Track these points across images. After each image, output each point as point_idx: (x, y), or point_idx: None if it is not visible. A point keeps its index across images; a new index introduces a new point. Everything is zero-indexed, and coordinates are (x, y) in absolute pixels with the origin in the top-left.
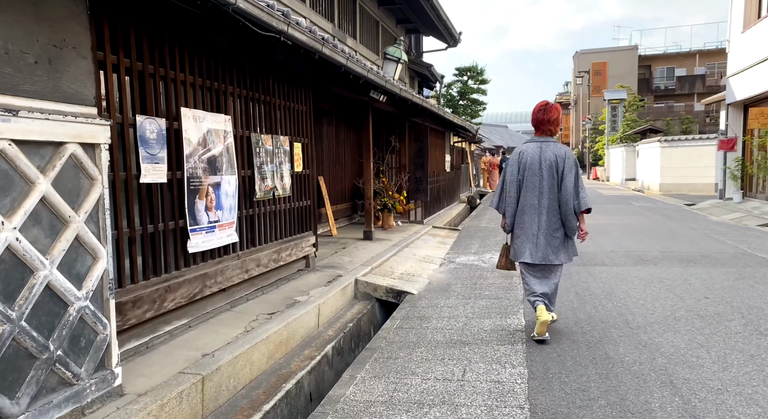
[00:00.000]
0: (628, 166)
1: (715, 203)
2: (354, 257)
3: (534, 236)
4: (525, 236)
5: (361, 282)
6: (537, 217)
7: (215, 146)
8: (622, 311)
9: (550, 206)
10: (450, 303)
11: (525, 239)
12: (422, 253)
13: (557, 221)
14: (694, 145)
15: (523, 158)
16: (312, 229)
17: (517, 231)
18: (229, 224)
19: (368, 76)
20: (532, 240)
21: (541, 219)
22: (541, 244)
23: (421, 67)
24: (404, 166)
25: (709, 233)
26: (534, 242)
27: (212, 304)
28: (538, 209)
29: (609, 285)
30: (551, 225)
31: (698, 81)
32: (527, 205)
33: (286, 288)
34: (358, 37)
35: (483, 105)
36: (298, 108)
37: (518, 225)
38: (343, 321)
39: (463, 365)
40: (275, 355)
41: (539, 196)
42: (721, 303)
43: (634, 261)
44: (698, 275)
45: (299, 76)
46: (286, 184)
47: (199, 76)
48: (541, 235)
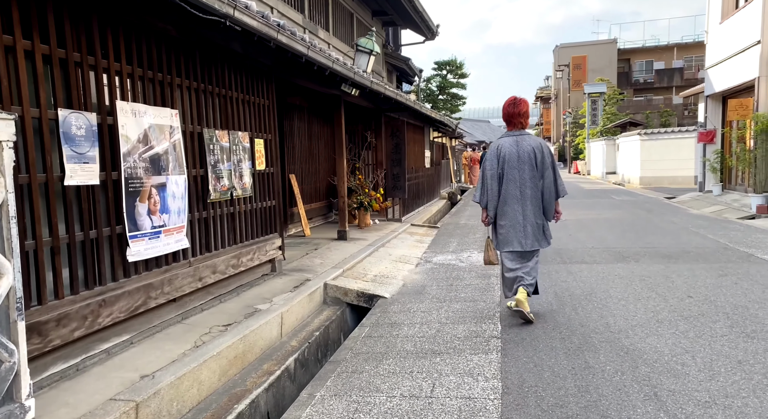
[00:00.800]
0: (609, 159)
1: (695, 196)
2: (326, 259)
3: (521, 226)
4: (511, 226)
5: (330, 286)
6: (521, 208)
7: (159, 143)
8: (602, 313)
9: (533, 196)
10: (424, 308)
11: (511, 229)
12: (398, 253)
13: (539, 210)
14: (673, 138)
15: (501, 152)
16: (277, 231)
17: (501, 222)
18: (177, 229)
19: (333, 67)
20: (519, 229)
21: (526, 209)
22: (528, 233)
23: (398, 60)
24: (381, 162)
25: (690, 227)
26: (522, 231)
27: (160, 317)
28: (521, 200)
29: (589, 284)
30: (535, 213)
31: (676, 74)
32: (509, 197)
33: (247, 296)
34: (330, 29)
35: (463, 99)
36: (259, 102)
37: (502, 217)
38: (309, 329)
39: (433, 379)
40: (229, 372)
41: (521, 187)
42: (705, 302)
43: (615, 258)
44: (680, 272)
45: (260, 67)
46: (247, 183)
47: (139, 66)
48: (528, 224)
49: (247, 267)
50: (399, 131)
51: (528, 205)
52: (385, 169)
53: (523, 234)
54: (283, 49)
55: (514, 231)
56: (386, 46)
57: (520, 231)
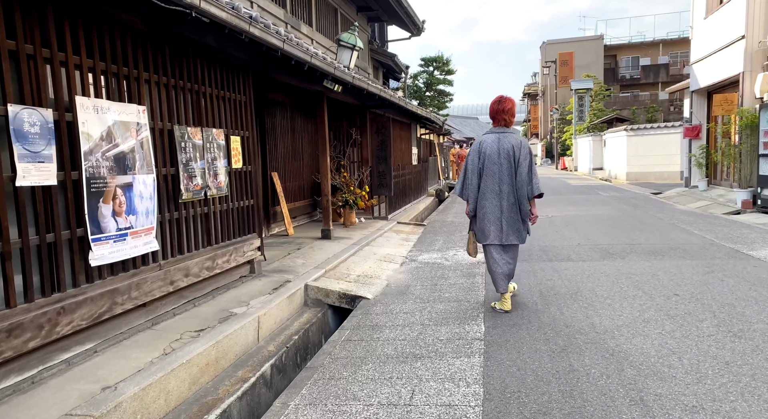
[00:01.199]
0: (596, 155)
1: (681, 191)
2: (308, 259)
3: (497, 220)
4: (488, 220)
5: (311, 287)
6: (498, 202)
7: (125, 141)
8: (588, 313)
9: (510, 192)
10: (406, 309)
11: (488, 223)
12: (383, 252)
13: (516, 205)
14: (659, 134)
15: (483, 148)
16: (256, 231)
17: (480, 216)
18: (146, 230)
19: (312, 62)
20: (495, 223)
21: (503, 204)
22: (504, 227)
23: (384, 57)
24: (366, 159)
25: (677, 223)
26: (498, 225)
27: (128, 323)
28: (499, 194)
29: (575, 283)
30: (512, 208)
31: (662, 70)
32: (488, 191)
33: (223, 299)
34: (314, 25)
35: (450, 96)
36: (235, 98)
37: (480, 210)
38: (288, 333)
39: (413, 385)
40: (201, 380)
41: (499, 183)
42: (692, 300)
43: (601, 255)
44: (667, 269)
45: (236, 62)
46: (222, 182)
47: (102, 59)
48: (503, 219)
49: (223, 270)
50: (384, 128)
51: (505, 199)
52: (370, 166)
53: (499, 229)
54: (257, 42)
55: (492, 224)
56: (372, 43)
57: (496, 225)
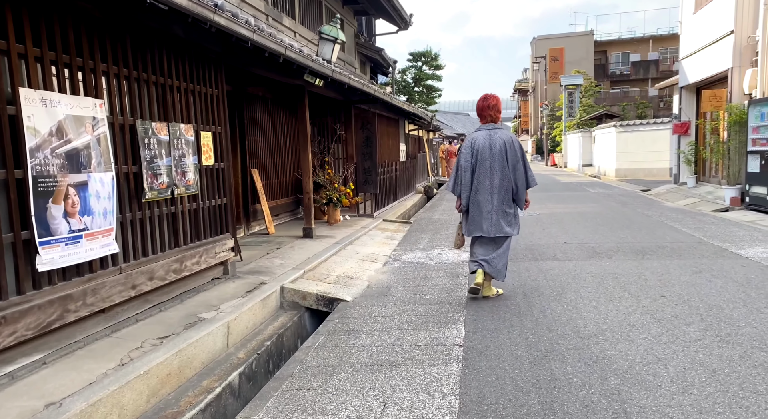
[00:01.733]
0: (585, 151)
1: (670, 188)
2: (287, 259)
3: (489, 213)
4: (480, 214)
5: (287, 289)
6: (490, 197)
7: (78, 137)
8: (572, 316)
9: (501, 186)
10: (386, 312)
11: (480, 216)
12: (366, 251)
13: (508, 199)
14: (648, 130)
15: (475, 145)
16: (230, 231)
17: (473, 210)
18: (104, 232)
19: (286, 54)
20: (486, 217)
21: (494, 198)
22: (494, 220)
23: (371, 51)
24: (351, 156)
25: (665, 221)
26: (489, 218)
27: (84, 331)
28: (491, 189)
29: (560, 283)
30: (502, 202)
31: (652, 66)
32: (481, 186)
33: (191, 303)
34: (297, 17)
35: (438, 91)
36: (206, 92)
37: (473, 205)
38: (260, 338)
39: (386, 396)
40: (161, 391)
41: (491, 178)
42: (679, 302)
43: (587, 254)
44: (654, 269)
45: (208, 55)
46: (191, 180)
47: (51, 49)
48: (494, 212)
49: (192, 272)
50: (370, 123)
51: (496, 194)
52: (355, 162)
53: (489, 222)
54: (226, 33)
55: (482, 218)
56: (359, 37)
57: (487, 218)
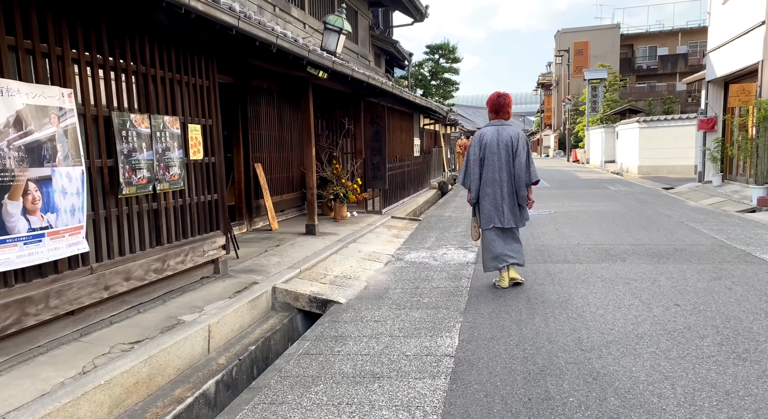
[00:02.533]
0: (608, 147)
1: (694, 186)
2: (285, 257)
3: (499, 205)
4: (491, 206)
5: (280, 290)
6: (499, 189)
7: (41, 128)
8: (576, 325)
9: (509, 179)
10: (378, 316)
11: (491, 208)
12: (369, 249)
13: (513, 191)
14: (673, 126)
15: (484, 139)
16: (221, 228)
17: (483, 203)
18: (71, 230)
19: (278, 43)
20: (497, 208)
21: (503, 191)
22: (506, 212)
23: (386, 43)
24: (360, 150)
25: (686, 221)
26: (501, 210)
27: (48, 335)
28: (499, 182)
29: (567, 288)
30: (511, 195)
31: (680, 60)
32: (489, 180)
33: (174, 305)
34: (306, 8)
35: (455, 85)
36: (195, 83)
37: (483, 197)
38: (245, 342)
39: (362, 414)
40: (126, 401)
41: (499, 171)
42: (693, 312)
43: (600, 256)
44: (670, 274)
45: (197, 44)
46: (176, 175)
47: (10, 33)
48: (504, 204)
49: (176, 271)
50: (379, 117)
51: (505, 186)
52: (364, 157)
53: (501, 213)
54: (209, 20)
55: (494, 210)
56: (373, 29)
57: (499, 210)
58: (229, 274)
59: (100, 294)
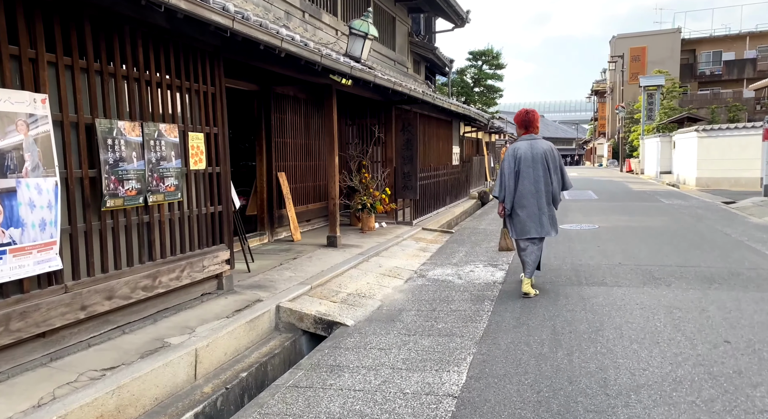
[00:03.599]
0: (664, 158)
1: (759, 201)
2: (299, 271)
3: (536, 216)
4: (528, 217)
5: (284, 309)
6: (536, 201)
7: (5, 137)
8: (604, 363)
9: (545, 191)
10: (385, 343)
11: (528, 219)
12: (391, 264)
13: (549, 202)
14: (736, 135)
15: (518, 153)
16: (225, 242)
17: (520, 213)
18: (40, 247)
19: (284, 47)
20: (535, 219)
21: (540, 202)
22: (544, 222)
23: (425, 49)
24: (390, 159)
25: (746, 240)
26: (538, 220)
27: (13, 360)
28: (536, 194)
29: (600, 317)
30: (548, 205)
31: (748, 65)
32: (526, 191)
33: (165, 324)
34: (339, 14)
35: (499, 92)
36: (199, 89)
37: (520, 209)
38: (239, 367)
39: None
40: None
41: (535, 183)
42: (747, 352)
43: (642, 279)
44: (722, 303)
45: (201, 48)
46: (172, 186)
47: None
48: (543, 215)
49: (170, 288)
50: (410, 125)
51: (542, 198)
52: (394, 166)
53: (540, 223)
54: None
55: (531, 221)
56: (412, 35)
57: (537, 221)
58: (234, 290)
59: (75, 314)
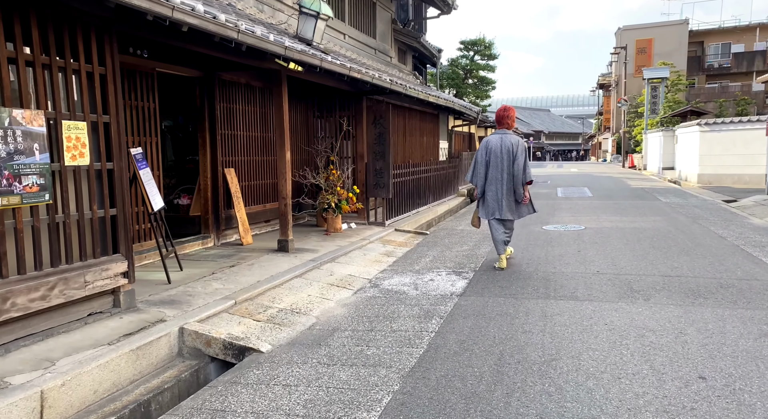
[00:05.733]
0: (666, 153)
1: (762, 200)
2: (230, 282)
3: (499, 200)
4: (493, 200)
5: (189, 331)
6: (501, 186)
7: None
8: (547, 408)
9: (508, 179)
10: (294, 377)
11: (494, 202)
12: (345, 272)
13: (511, 189)
14: (740, 129)
15: (489, 145)
16: (121, 252)
17: (488, 197)
18: None
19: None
20: (498, 203)
21: (503, 188)
22: (503, 205)
23: (409, 38)
24: (362, 154)
25: (743, 245)
26: (498, 204)
27: None
28: (501, 181)
29: (559, 341)
30: (509, 191)
31: (758, 57)
32: (493, 178)
33: (18, 356)
34: None
35: (492, 84)
36: (80, 68)
37: (487, 193)
38: (110, 409)
39: None
40: None
41: (501, 172)
42: (724, 393)
43: (619, 291)
44: (704, 323)
45: (84, 20)
46: (34, 185)
47: None
48: (503, 199)
49: (30, 311)
50: (382, 118)
51: (504, 185)
52: (366, 162)
53: (500, 207)
54: None
55: (495, 203)
56: (395, 23)
57: (499, 204)
58: (137, 307)
59: None
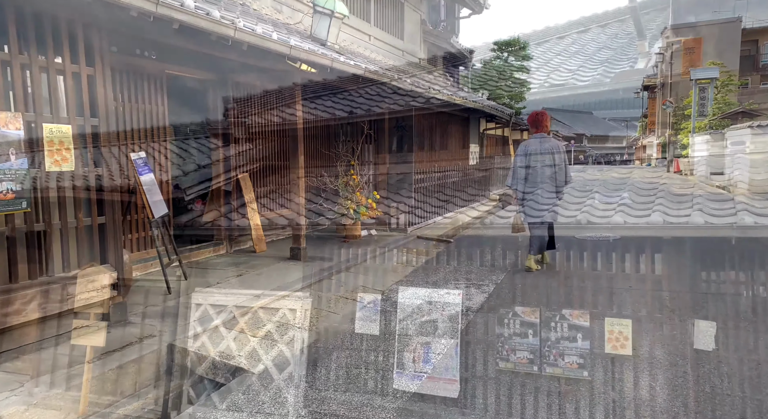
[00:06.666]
0: (715, 157)
1: None
2: (232, 294)
3: (539, 204)
4: (533, 204)
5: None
6: (541, 191)
7: None
8: None
9: (550, 183)
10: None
11: (535, 206)
12: (357, 283)
13: (553, 192)
14: None
15: (529, 149)
16: (110, 262)
17: (527, 201)
18: None
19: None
20: (538, 206)
21: (544, 192)
22: (543, 209)
23: (438, 38)
24: (384, 158)
25: None
26: (539, 208)
27: None
28: (541, 185)
29: None
30: (550, 195)
31: None
32: (532, 182)
33: None
34: None
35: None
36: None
37: (528, 196)
38: None
39: None
40: None
41: (540, 176)
42: None
43: None
44: None
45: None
46: (10, 193)
47: None
48: (544, 203)
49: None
50: (405, 121)
51: (545, 188)
52: (388, 167)
53: (540, 210)
54: None
55: (535, 207)
56: (425, 23)
57: (540, 208)
58: (128, 321)
59: None
